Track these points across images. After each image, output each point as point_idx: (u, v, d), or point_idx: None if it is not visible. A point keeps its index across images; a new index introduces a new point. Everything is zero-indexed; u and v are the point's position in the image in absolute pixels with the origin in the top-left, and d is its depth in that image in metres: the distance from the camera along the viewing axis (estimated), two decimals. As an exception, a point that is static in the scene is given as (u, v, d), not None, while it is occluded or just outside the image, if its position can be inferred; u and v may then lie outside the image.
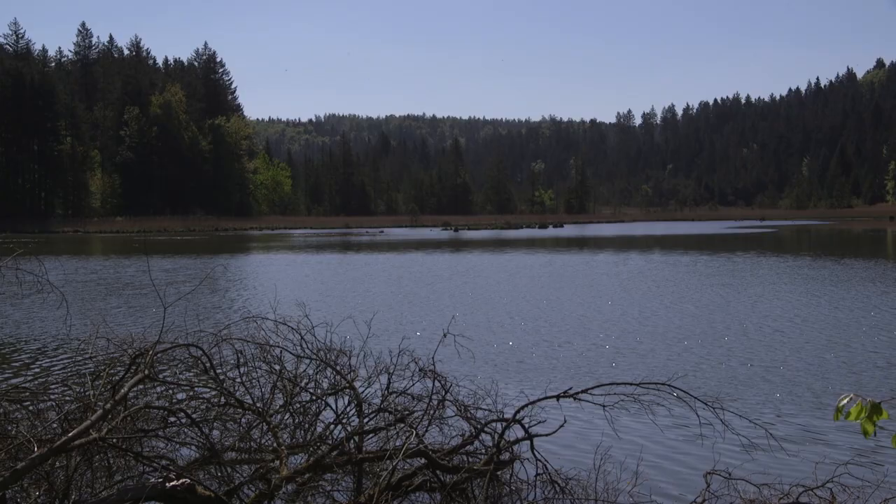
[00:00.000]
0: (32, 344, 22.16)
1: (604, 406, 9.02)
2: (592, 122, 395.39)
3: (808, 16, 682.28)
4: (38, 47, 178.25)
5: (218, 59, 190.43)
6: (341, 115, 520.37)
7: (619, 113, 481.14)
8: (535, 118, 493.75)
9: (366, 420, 9.46)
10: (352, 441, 9.03)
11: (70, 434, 7.14)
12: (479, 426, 9.37)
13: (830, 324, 24.75)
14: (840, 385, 16.38)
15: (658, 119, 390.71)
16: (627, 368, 18.07)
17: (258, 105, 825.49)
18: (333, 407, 9.95)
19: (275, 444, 8.99)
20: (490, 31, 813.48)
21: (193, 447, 9.00)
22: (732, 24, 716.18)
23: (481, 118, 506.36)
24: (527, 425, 9.17)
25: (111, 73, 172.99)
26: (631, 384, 9.01)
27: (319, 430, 9.86)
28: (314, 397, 10.04)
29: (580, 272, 45.71)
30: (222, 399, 9.32)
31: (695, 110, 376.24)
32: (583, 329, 24.19)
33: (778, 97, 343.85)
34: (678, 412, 10.53)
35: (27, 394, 8.94)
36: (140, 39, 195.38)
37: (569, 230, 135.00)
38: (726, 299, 31.23)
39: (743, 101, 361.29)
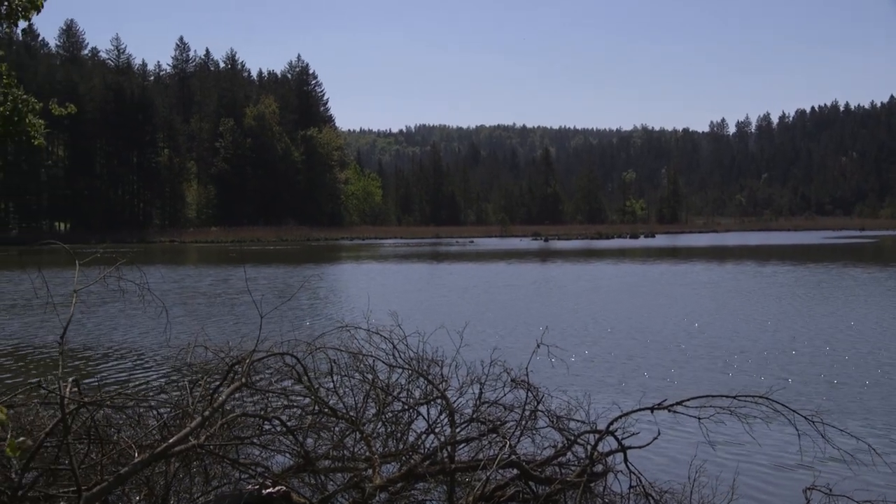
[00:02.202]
0: (133, 350, 22.68)
1: (699, 418, 8.85)
2: (685, 131, 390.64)
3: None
4: (138, 62, 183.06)
5: (311, 71, 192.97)
6: (431, 125, 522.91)
7: (712, 122, 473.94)
8: (627, 127, 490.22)
9: (458, 430, 9.46)
10: (444, 451, 9.03)
11: (170, 440, 7.27)
12: (571, 437, 9.28)
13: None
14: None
15: (752, 128, 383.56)
16: (720, 380, 17.79)
17: (350, 116, 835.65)
18: (425, 416, 9.97)
19: (367, 453, 9.04)
20: (581, 41, 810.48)
21: (287, 455, 9.10)
22: (829, 29, 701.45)
23: (572, 128, 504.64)
24: (620, 437, 9.06)
25: (207, 86, 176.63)
26: (727, 396, 8.81)
27: (411, 439, 9.88)
28: (406, 407, 10.07)
29: (672, 283, 45.19)
30: (316, 407, 9.40)
31: (791, 118, 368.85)
32: (675, 340, 23.90)
33: (879, 104, 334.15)
34: (776, 426, 10.30)
35: (128, 400, 9.13)
36: (235, 53, 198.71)
37: (660, 240, 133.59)
38: (818, 311, 30.61)
39: (842, 108, 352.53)
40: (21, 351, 23.12)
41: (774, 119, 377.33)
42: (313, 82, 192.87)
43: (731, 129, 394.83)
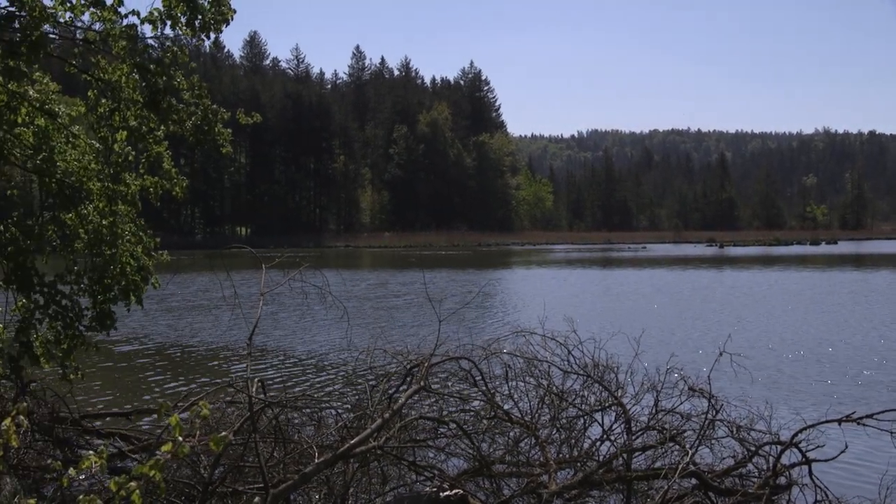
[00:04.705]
0: (313, 352, 23.25)
1: (891, 433, 8.48)
2: (871, 133, 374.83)
3: None
4: (315, 71, 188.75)
5: (483, 77, 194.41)
6: (604, 130, 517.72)
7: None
8: (808, 130, 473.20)
9: (634, 437, 9.34)
10: (621, 458, 8.93)
11: (352, 442, 7.45)
12: (752, 448, 9.06)
13: None
14: None
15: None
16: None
17: (521, 122, 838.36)
18: (600, 423, 9.88)
19: (542, 458, 9.02)
20: (758, 41, 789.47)
21: (461, 458, 9.16)
22: None
23: (749, 132, 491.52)
24: (804, 449, 8.78)
25: (382, 93, 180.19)
26: (923, 410, 8.43)
27: (586, 445, 9.82)
28: (581, 413, 10.01)
29: (857, 291, 43.39)
30: (491, 411, 9.44)
31: None
32: (863, 350, 22.94)
33: None
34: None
35: (311, 401, 9.38)
36: (409, 60, 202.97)
37: (843, 247, 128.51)
38: None
39: None
40: (207, 350, 24.01)
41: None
42: (485, 88, 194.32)
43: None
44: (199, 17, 8.76)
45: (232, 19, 9.03)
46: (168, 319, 31.32)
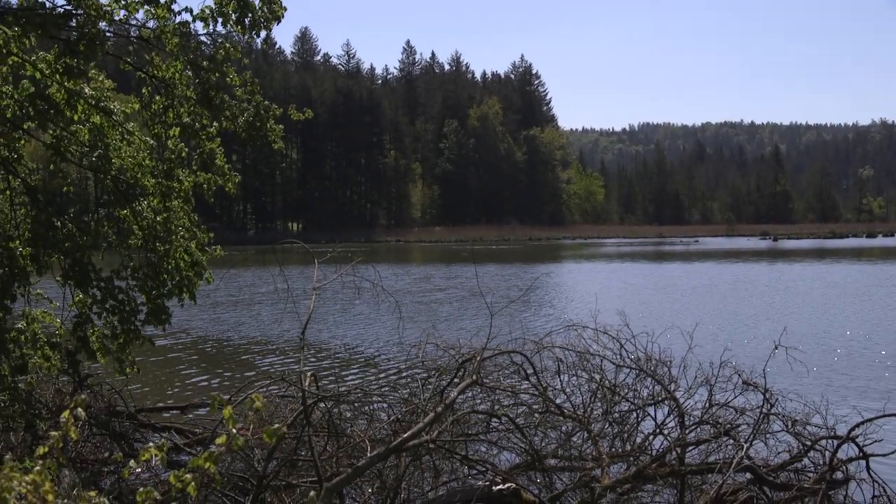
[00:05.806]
0: (364, 346, 23.34)
1: (951, 428, 8.36)
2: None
3: None
4: (366, 66, 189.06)
5: (534, 72, 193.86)
6: (655, 123, 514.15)
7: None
8: (864, 122, 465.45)
9: (687, 431, 9.28)
10: (674, 452, 8.87)
11: (405, 436, 7.47)
12: (808, 443, 8.95)
13: None
14: None
15: None
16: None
17: (572, 115, 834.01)
18: (653, 417, 9.83)
19: (595, 452, 8.99)
20: (812, 32, 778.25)
21: (513, 452, 9.15)
22: None
23: (803, 123, 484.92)
24: (861, 444, 8.66)
25: (432, 88, 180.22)
26: (983, 405, 8.28)
27: (638, 440, 9.77)
28: (634, 407, 9.96)
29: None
30: (543, 406, 9.42)
31: None
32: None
33: None
34: None
35: (364, 395, 9.43)
36: (460, 55, 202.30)
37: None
38: None
39: None
40: (257, 344, 24.17)
41: None
42: (536, 82, 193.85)
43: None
44: (249, 14, 8.80)
45: (283, 17, 9.07)
46: (215, 314, 31.57)
